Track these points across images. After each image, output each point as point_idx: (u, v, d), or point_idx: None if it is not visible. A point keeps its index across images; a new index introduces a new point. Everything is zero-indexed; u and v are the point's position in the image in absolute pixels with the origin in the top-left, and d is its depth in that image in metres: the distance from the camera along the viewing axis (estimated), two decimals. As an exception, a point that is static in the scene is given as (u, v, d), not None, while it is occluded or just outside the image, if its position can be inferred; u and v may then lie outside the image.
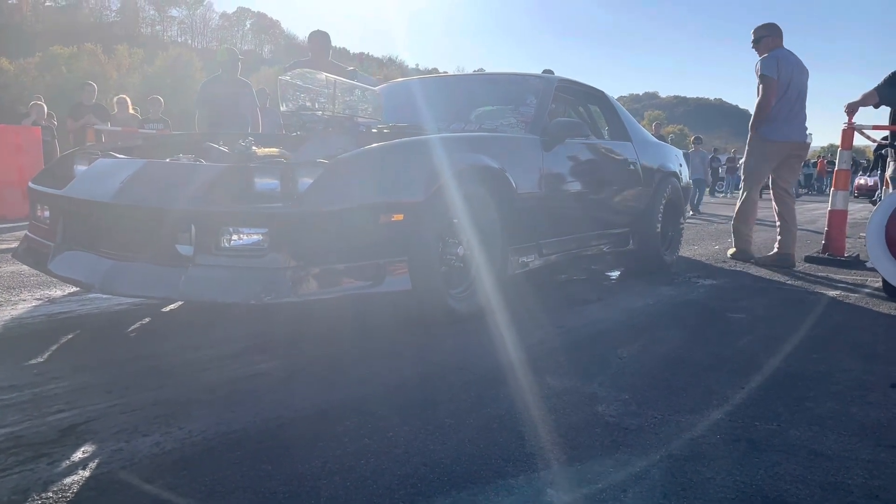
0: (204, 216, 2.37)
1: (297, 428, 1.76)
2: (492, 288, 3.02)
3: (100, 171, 2.78)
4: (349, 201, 2.46)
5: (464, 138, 3.19)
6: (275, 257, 2.33)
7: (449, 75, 4.74)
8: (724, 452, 1.68)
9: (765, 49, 5.09)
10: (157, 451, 1.59)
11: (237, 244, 2.35)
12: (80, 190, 2.72)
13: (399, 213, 2.61)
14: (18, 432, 1.67)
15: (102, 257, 2.55)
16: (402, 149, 2.80)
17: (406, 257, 2.64)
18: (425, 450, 1.64)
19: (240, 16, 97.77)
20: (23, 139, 8.01)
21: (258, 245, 2.34)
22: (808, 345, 2.77)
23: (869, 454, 1.70)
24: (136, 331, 2.75)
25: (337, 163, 2.52)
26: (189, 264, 2.36)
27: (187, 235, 2.39)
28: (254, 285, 2.29)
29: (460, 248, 2.91)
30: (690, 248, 6.14)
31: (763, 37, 5.15)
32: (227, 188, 2.46)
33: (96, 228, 2.64)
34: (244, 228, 2.34)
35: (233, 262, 2.35)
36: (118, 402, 1.90)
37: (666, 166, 4.83)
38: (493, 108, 3.93)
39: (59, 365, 2.24)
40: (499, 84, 4.33)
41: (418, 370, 2.28)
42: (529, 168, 3.39)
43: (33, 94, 12.65)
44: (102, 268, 2.50)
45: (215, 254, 2.35)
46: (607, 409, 1.96)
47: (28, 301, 3.15)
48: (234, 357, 2.38)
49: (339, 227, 2.43)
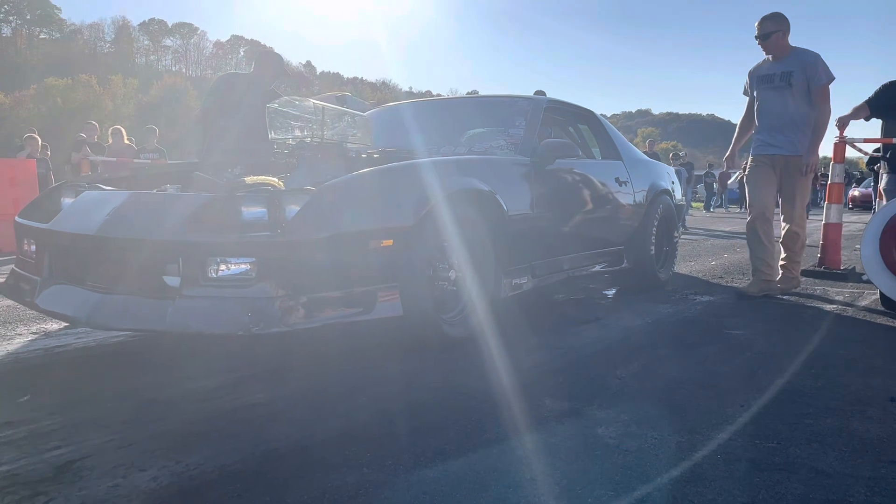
0: (190, 247, 2.36)
1: (296, 458, 1.75)
2: (485, 311, 3.01)
3: (86, 204, 2.77)
4: (337, 228, 2.45)
5: (453, 161, 3.18)
6: (263, 287, 2.32)
7: (438, 98, 4.76)
8: (724, 473, 1.68)
9: (776, 48, 4.31)
10: (155, 486, 1.58)
11: (224, 274, 2.34)
12: (66, 223, 2.72)
13: (388, 239, 2.60)
14: (14, 470, 1.66)
15: (89, 291, 2.53)
16: (390, 174, 2.80)
17: (397, 283, 2.63)
18: (425, 478, 1.63)
19: (233, 44, 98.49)
20: (17, 172, 8.03)
21: (246, 275, 2.33)
22: (806, 360, 2.76)
23: (870, 471, 1.69)
24: (132, 363, 2.74)
25: (324, 189, 2.51)
26: (176, 296, 2.35)
27: (174, 267, 2.38)
28: (241, 315, 2.28)
29: (452, 273, 2.90)
30: (687, 264, 6.15)
31: (773, 32, 4.29)
32: (214, 218, 2.46)
33: (82, 262, 2.62)
34: (231, 258, 2.34)
35: (220, 292, 2.34)
36: (115, 436, 1.89)
37: (658, 184, 4.84)
38: (483, 131, 3.95)
39: (56, 400, 2.23)
40: (488, 106, 4.34)
41: (417, 396, 2.27)
42: (520, 190, 3.39)
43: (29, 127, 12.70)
44: (90, 302, 2.49)
45: (202, 284, 2.34)
46: (607, 430, 1.95)
47: (24, 335, 3.14)
48: (231, 387, 2.37)
49: (328, 255, 2.42)
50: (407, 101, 5.13)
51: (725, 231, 10.99)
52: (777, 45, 4.30)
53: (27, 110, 48.07)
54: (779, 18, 4.29)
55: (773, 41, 4.29)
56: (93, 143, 8.91)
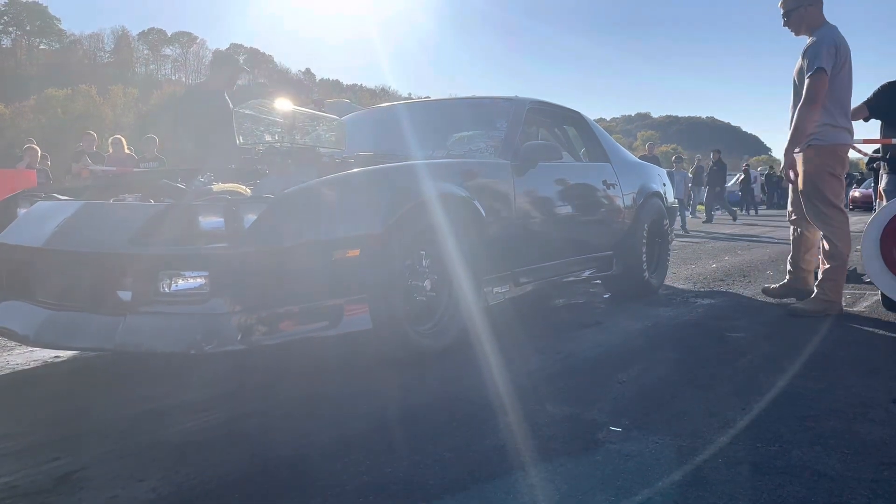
0: (140, 260, 2.25)
1: (296, 467, 1.74)
2: (467, 320, 2.92)
3: (37, 215, 2.64)
4: (297, 238, 2.32)
5: (426, 166, 3.01)
6: (217, 302, 2.18)
7: (418, 101, 4.69)
8: (726, 476, 1.67)
9: (803, 24, 3.81)
10: (154, 497, 1.57)
11: (177, 289, 2.21)
12: (15, 235, 2.59)
13: (355, 249, 2.47)
14: (14, 482, 1.66)
15: (39, 307, 2.40)
16: (357, 179, 2.68)
17: (365, 295, 2.49)
18: (425, 485, 1.62)
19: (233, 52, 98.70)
20: (17, 183, 8.01)
21: (200, 289, 2.20)
22: (807, 362, 2.75)
23: (872, 473, 1.68)
24: (129, 373, 2.73)
25: (282, 198, 2.37)
26: (127, 312, 2.22)
27: (129, 281, 2.26)
28: (193, 333, 2.15)
29: (426, 282, 2.79)
30: (687, 267, 6.14)
31: (794, 8, 3.80)
32: (169, 229, 2.33)
33: (32, 276, 2.49)
34: (184, 271, 2.21)
35: (172, 308, 2.21)
36: (114, 447, 1.88)
37: (648, 186, 4.69)
38: (464, 134, 3.84)
39: (54, 411, 2.22)
40: (468, 108, 4.24)
41: (416, 402, 2.26)
42: (500, 194, 3.27)
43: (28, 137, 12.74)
44: (38, 319, 2.36)
45: (154, 300, 2.22)
46: (608, 435, 1.94)
47: (22, 346, 3.13)
48: (227, 397, 2.36)
49: (288, 267, 2.29)
50: (386, 104, 5.08)
51: (725, 234, 10.98)
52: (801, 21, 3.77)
53: (27, 121, 48.17)
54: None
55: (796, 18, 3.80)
56: (92, 154, 8.92)
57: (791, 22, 3.83)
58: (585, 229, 4.08)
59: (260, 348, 2.26)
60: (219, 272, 2.20)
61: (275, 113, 3.13)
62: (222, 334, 2.17)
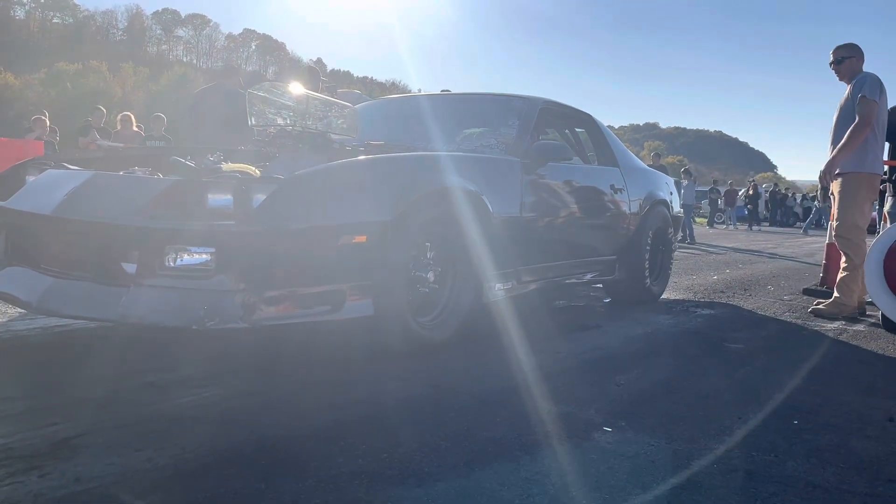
0: (147, 232, 2.24)
1: (292, 447, 1.75)
2: (468, 315, 2.92)
3: (47, 183, 2.63)
4: (306, 220, 2.33)
5: (438, 157, 3.01)
6: (222, 279, 2.18)
7: (431, 95, 4.67)
8: (720, 482, 1.67)
9: (848, 73, 4.35)
10: (150, 467, 1.58)
11: (182, 264, 2.22)
12: (24, 202, 2.58)
13: (362, 235, 2.47)
14: (10, 444, 1.66)
15: (43, 274, 2.40)
16: (368, 166, 2.69)
17: (369, 282, 2.50)
18: (420, 472, 1.63)
19: (245, 37, 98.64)
20: (26, 153, 8.03)
21: (205, 265, 2.20)
22: (806, 377, 2.76)
23: (866, 488, 1.69)
24: (132, 345, 2.73)
25: (293, 179, 2.38)
26: (131, 284, 2.23)
27: (134, 253, 2.27)
28: (197, 309, 2.15)
29: (430, 274, 2.79)
30: (689, 277, 6.15)
31: (846, 58, 4.37)
32: (177, 204, 2.34)
33: (38, 243, 2.50)
34: (190, 247, 2.21)
35: (176, 283, 2.21)
36: (112, 416, 1.89)
37: (655, 194, 4.67)
38: (475, 129, 3.82)
39: (55, 377, 2.23)
40: (481, 104, 4.22)
41: (413, 392, 2.27)
42: (508, 191, 3.26)
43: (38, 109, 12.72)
44: (42, 286, 2.35)
45: (159, 274, 2.22)
46: (603, 435, 1.95)
47: (25, 313, 3.13)
48: (230, 374, 2.37)
49: (294, 249, 2.30)
50: (398, 95, 5.06)
51: (727, 247, 10.98)
52: (849, 69, 4.32)
53: (36, 93, 48.15)
54: (852, 46, 4.38)
55: (847, 66, 4.33)
56: (100, 129, 8.92)
57: (841, 69, 4.37)
58: (590, 232, 4.07)
59: (262, 328, 2.26)
60: (225, 250, 2.20)
61: (288, 96, 3.13)
62: (225, 311, 2.17)
